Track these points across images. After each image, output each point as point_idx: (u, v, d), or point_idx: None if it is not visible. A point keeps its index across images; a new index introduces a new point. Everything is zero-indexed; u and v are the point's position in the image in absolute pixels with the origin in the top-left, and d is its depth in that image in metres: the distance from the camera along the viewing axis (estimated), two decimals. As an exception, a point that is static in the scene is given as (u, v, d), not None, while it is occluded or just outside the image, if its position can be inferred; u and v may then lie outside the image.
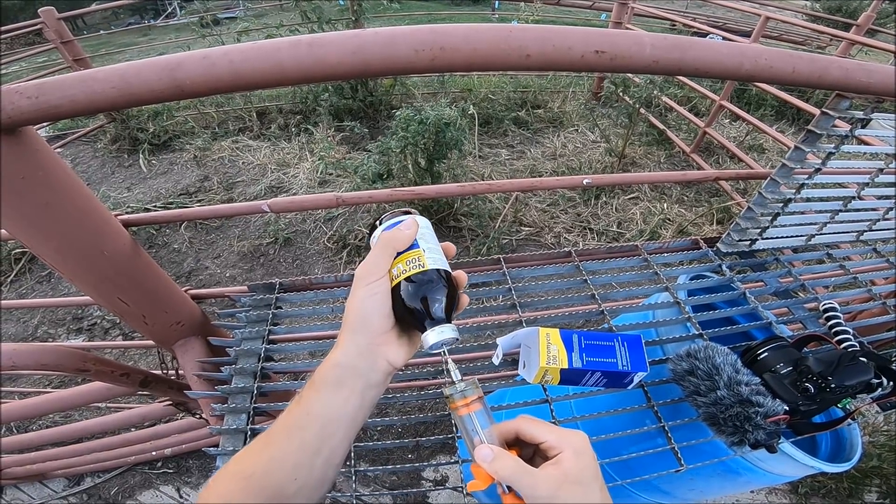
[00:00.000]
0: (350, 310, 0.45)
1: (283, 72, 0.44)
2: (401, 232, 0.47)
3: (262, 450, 0.42)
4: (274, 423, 0.44)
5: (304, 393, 0.44)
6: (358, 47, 0.44)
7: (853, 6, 11.53)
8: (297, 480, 0.41)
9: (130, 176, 3.78)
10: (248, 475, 0.41)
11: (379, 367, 0.45)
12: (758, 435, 0.64)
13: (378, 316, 0.44)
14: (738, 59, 0.61)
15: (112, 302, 0.86)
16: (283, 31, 3.87)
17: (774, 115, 4.67)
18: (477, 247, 2.82)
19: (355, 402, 0.44)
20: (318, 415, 0.42)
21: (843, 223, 1.04)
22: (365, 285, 0.44)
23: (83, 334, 2.58)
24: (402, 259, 0.47)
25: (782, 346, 0.74)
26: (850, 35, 3.38)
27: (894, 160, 0.89)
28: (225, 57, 0.44)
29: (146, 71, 0.46)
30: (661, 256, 1.07)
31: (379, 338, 0.45)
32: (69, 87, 0.48)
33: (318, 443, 0.42)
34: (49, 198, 0.64)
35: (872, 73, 0.68)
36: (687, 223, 2.99)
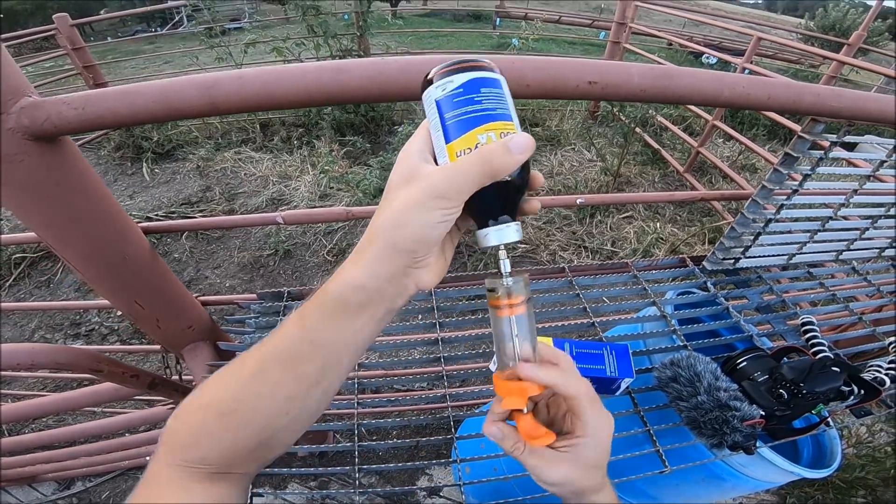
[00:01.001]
0: (398, 223, 0.35)
1: (309, 94, 0.49)
2: (511, 157, 0.35)
3: (247, 381, 0.37)
4: (263, 346, 0.38)
5: (308, 314, 0.37)
6: (378, 74, 0.49)
7: (847, 24, 11.80)
8: (288, 414, 0.37)
9: (133, 184, 3.83)
10: (230, 410, 0.36)
11: (408, 291, 0.38)
12: (735, 437, 0.68)
13: (437, 240, 0.37)
14: (718, 87, 0.67)
15: (129, 305, 0.90)
16: (289, 44, 3.96)
17: (767, 135, 4.78)
18: (474, 262, 2.87)
19: (372, 329, 0.38)
20: (325, 343, 0.37)
21: (823, 242, 1.10)
22: (439, 208, 0.35)
23: (81, 339, 2.60)
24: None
25: (760, 356, 0.80)
26: (839, 56, 3.50)
27: (868, 181, 0.95)
28: (258, 78, 0.49)
29: (186, 88, 0.52)
30: (650, 273, 1.12)
31: (423, 260, 0.37)
32: (113, 100, 0.54)
33: (319, 374, 0.37)
34: (81, 204, 0.69)
35: (842, 98, 0.74)
36: (679, 242, 3.05)
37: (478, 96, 0.37)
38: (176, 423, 0.38)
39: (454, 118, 0.37)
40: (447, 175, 0.35)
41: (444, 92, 0.37)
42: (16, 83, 0.55)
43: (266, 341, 0.38)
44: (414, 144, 0.39)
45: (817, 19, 13.16)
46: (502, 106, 0.38)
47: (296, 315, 0.38)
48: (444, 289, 1.09)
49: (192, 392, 0.39)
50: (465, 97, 0.37)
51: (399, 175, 0.37)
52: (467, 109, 0.36)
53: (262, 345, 0.38)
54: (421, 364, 1.00)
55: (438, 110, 0.38)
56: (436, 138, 0.38)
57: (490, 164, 0.35)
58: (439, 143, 0.38)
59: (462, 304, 1.07)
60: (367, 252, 0.36)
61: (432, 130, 0.38)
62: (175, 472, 0.36)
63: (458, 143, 0.36)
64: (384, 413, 1.46)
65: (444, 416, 0.87)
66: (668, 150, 4.09)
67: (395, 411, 1.75)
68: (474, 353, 0.99)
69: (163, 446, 0.38)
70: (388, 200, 0.37)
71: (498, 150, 0.35)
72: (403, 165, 0.38)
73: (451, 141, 0.37)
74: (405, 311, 1.06)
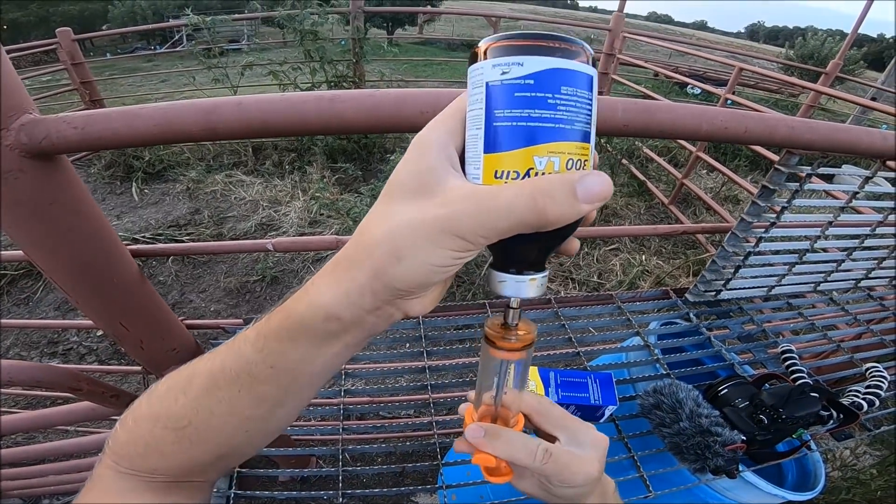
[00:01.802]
0: (395, 252, 0.26)
1: (306, 123, 0.51)
2: (575, 206, 0.25)
3: (199, 398, 0.32)
4: (211, 361, 0.33)
5: (266, 336, 0.31)
6: (373, 106, 0.51)
7: (824, 53, 12.26)
8: (248, 432, 0.33)
9: (121, 204, 3.81)
10: (182, 426, 0.32)
11: (393, 319, 0.31)
12: (717, 462, 0.69)
13: (441, 281, 0.30)
14: (698, 122, 0.70)
15: (113, 326, 0.89)
16: (286, 67, 4.03)
17: (749, 166, 4.90)
18: (463, 293, 2.89)
19: (345, 355, 0.32)
20: (286, 370, 0.31)
21: (801, 274, 1.13)
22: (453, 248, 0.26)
23: (58, 358, 2.55)
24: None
25: (741, 383, 0.82)
26: (815, 86, 3.64)
27: (842, 213, 0.98)
28: (257, 106, 0.51)
29: (186, 112, 0.53)
30: (634, 305, 1.15)
31: (417, 295, 0.30)
32: (114, 121, 0.55)
33: (282, 395, 0.32)
34: (73, 224, 0.69)
35: (815, 130, 0.76)
36: (665, 275, 3.10)
37: (553, 97, 0.25)
38: (123, 432, 0.34)
39: (508, 120, 0.25)
40: (476, 209, 0.25)
41: (504, 77, 0.25)
42: (18, 99, 0.55)
43: (213, 357, 0.33)
44: (438, 132, 0.29)
45: (797, 48, 13.69)
46: (584, 118, 0.26)
47: (252, 333, 0.32)
48: (432, 318, 1.09)
49: (137, 399, 0.35)
50: (533, 94, 0.25)
51: (409, 175, 0.28)
52: (532, 114, 0.25)
53: (209, 360, 0.33)
54: (408, 391, 1.00)
55: (488, 99, 0.26)
56: (472, 136, 0.28)
57: (542, 212, 0.24)
58: (475, 145, 0.27)
59: (450, 333, 1.08)
60: (348, 277, 0.28)
61: (470, 121, 0.28)
62: (125, 481, 0.33)
63: (502, 159, 0.26)
64: (370, 439, 1.44)
65: (430, 443, 0.87)
66: (654, 182, 4.18)
67: (380, 437, 1.73)
68: (462, 381, 0.99)
69: (110, 453, 0.34)
70: (388, 211, 0.28)
71: (560, 192, 0.24)
72: (418, 163, 0.28)
73: (493, 151, 0.26)
74: (392, 339, 1.06)
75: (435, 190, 0.27)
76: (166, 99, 6.31)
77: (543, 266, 0.31)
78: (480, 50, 0.27)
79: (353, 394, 0.96)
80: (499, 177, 0.26)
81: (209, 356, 0.34)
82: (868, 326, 1.17)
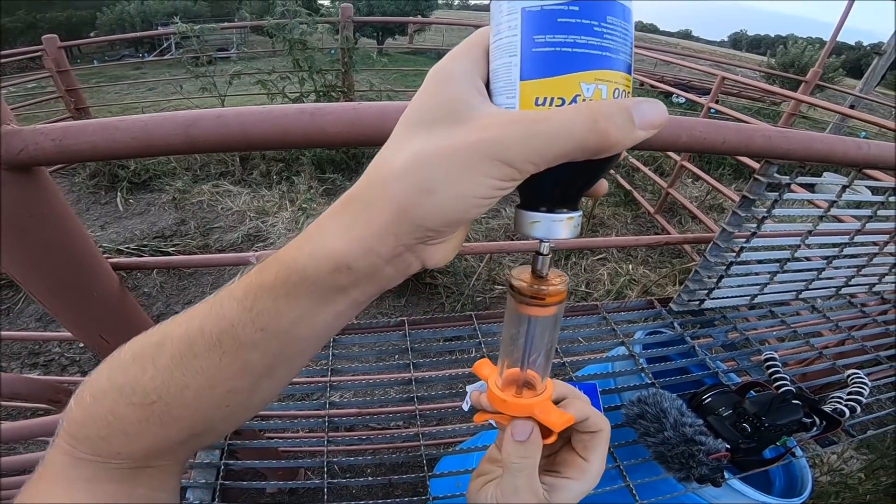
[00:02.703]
0: (423, 185, 0.23)
1: (286, 136, 0.51)
2: (633, 131, 0.22)
3: (171, 367, 0.27)
4: (186, 323, 0.27)
5: (256, 292, 0.26)
6: (356, 119, 0.51)
7: (805, 61, 12.54)
8: (228, 408, 0.28)
9: (106, 214, 3.76)
10: (150, 401, 0.27)
11: (411, 271, 0.27)
12: (702, 470, 0.70)
13: (475, 217, 0.25)
14: (677, 132, 0.71)
15: (94, 339, 0.88)
16: (274, 77, 4.02)
17: (733, 174, 4.98)
18: (452, 304, 2.88)
19: (348, 315, 0.28)
20: (280, 331, 0.26)
21: (783, 283, 1.15)
22: (496, 177, 0.23)
23: (39, 369, 2.51)
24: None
25: (724, 392, 0.82)
26: (794, 94, 3.71)
27: (821, 221, 1.00)
28: (237, 119, 0.51)
29: (164, 125, 0.53)
30: (619, 315, 1.15)
31: (443, 237, 0.26)
32: (92, 134, 0.54)
33: (271, 363, 0.28)
34: (51, 237, 0.68)
35: (791, 140, 0.78)
36: (651, 284, 3.12)
37: (600, 25, 0.23)
38: (79, 410, 0.28)
39: (551, 46, 0.23)
40: (526, 132, 0.22)
41: (545, 2, 0.23)
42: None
43: (190, 318, 0.27)
44: (460, 63, 0.25)
45: (778, 56, 13.99)
46: (627, 49, 0.25)
47: (238, 289, 0.27)
48: (419, 330, 1.09)
49: (96, 369, 0.29)
50: (579, 20, 0.23)
51: (433, 105, 0.24)
52: (577, 40, 0.23)
53: (185, 321, 0.27)
54: (394, 403, 1.00)
55: (524, 25, 0.24)
56: (503, 64, 0.25)
57: (603, 135, 0.22)
58: (508, 73, 0.25)
59: (437, 344, 1.08)
60: (364, 217, 0.24)
61: (500, 49, 0.25)
62: (81, 468, 0.28)
63: (544, 85, 0.24)
64: (356, 451, 1.43)
65: (417, 455, 0.87)
66: (640, 192, 4.23)
67: (367, 449, 1.71)
68: (450, 392, 0.99)
69: (65, 434, 0.29)
70: (409, 141, 0.24)
71: (618, 114, 0.22)
72: (442, 93, 0.24)
73: (534, 77, 0.24)
74: (379, 352, 1.06)
75: (467, 117, 0.23)
76: (153, 107, 6.29)
77: (577, 205, 0.28)
78: None
79: (339, 406, 0.96)
80: (540, 104, 0.24)
81: (184, 316, 0.28)
82: (850, 333, 1.19)
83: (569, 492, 0.35)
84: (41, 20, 21.95)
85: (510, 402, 0.35)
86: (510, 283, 0.31)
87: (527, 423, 0.35)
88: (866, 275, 1.22)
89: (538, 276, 0.31)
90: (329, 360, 0.99)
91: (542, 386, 0.36)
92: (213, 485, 0.80)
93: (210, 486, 0.80)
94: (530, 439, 0.34)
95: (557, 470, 0.37)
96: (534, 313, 0.31)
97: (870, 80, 6.59)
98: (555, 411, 0.35)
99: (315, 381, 0.97)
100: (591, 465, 0.36)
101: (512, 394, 0.36)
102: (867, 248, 1.12)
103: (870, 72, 6.60)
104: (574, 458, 0.36)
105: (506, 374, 0.36)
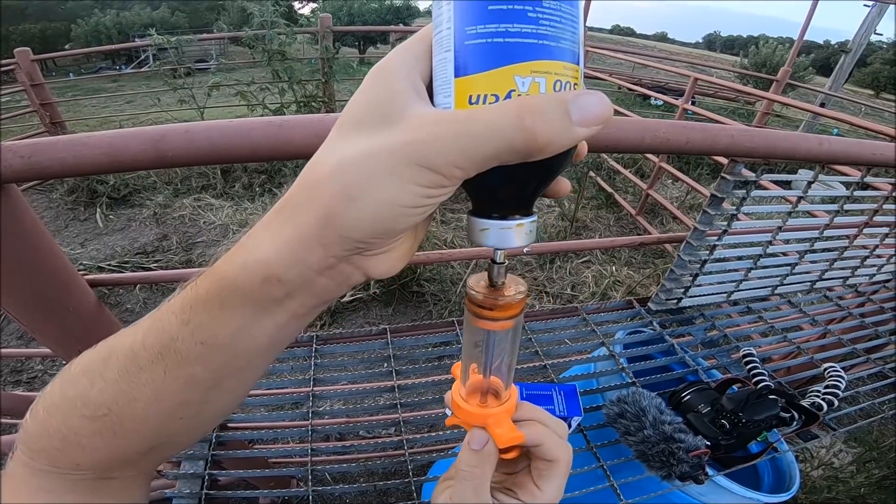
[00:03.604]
0: (348, 190, 0.21)
1: (255, 149, 0.51)
2: (570, 129, 0.21)
3: (118, 381, 0.26)
4: (132, 334, 0.27)
5: (192, 305, 0.25)
6: (323, 130, 0.52)
7: (776, 60, 12.82)
8: (182, 419, 0.28)
9: (85, 230, 3.69)
10: (100, 414, 0.26)
11: (351, 282, 0.25)
12: (682, 468, 0.71)
13: (407, 229, 0.24)
14: (641, 135, 0.72)
15: (72, 355, 0.85)
16: (253, 88, 3.99)
17: (710, 174, 5.05)
18: (439, 311, 2.88)
19: (293, 328, 0.27)
20: (220, 346, 0.25)
21: (758, 279, 1.17)
22: (423, 184, 0.21)
23: (22, 386, 2.46)
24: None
25: (703, 389, 0.83)
26: (766, 94, 3.79)
27: (790, 217, 1.02)
28: (205, 133, 0.51)
29: (133, 140, 0.53)
30: (598, 316, 1.17)
31: (378, 248, 0.24)
32: (61, 150, 0.54)
33: (216, 375, 0.27)
34: (23, 254, 0.67)
35: (754, 138, 0.79)
36: (635, 284, 3.15)
37: (534, 10, 0.21)
38: (34, 424, 0.28)
39: (482, 37, 0.21)
40: (450, 133, 0.21)
41: None
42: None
43: (134, 332, 0.27)
44: (399, 60, 0.24)
45: (750, 57, 14.29)
46: (570, 35, 0.22)
47: (177, 303, 0.26)
48: (401, 337, 1.09)
49: (50, 383, 0.29)
50: (510, 6, 0.21)
51: (366, 105, 0.23)
52: (510, 28, 0.21)
53: (130, 335, 0.27)
54: (378, 411, 1.00)
55: (456, 16, 0.22)
56: (440, 61, 0.23)
57: (530, 133, 0.20)
58: (444, 70, 0.23)
59: (419, 351, 1.08)
60: (291, 225, 0.23)
61: (437, 45, 0.24)
62: (41, 479, 0.28)
63: (476, 81, 0.22)
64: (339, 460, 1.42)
65: (401, 461, 0.87)
66: (621, 194, 4.28)
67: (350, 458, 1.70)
68: (433, 398, 0.99)
69: (23, 447, 0.29)
70: (338, 144, 0.23)
71: (551, 110, 0.20)
72: (377, 92, 0.23)
73: (466, 74, 0.22)
74: (360, 361, 1.05)
75: (398, 119, 0.22)
76: (131, 120, 6.22)
77: (531, 210, 0.26)
78: None
79: (322, 415, 0.95)
80: (473, 102, 0.22)
81: (130, 330, 0.27)
82: (826, 327, 1.21)
83: None
84: (14, 32, 21.63)
85: (465, 410, 0.35)
86: (467, 297, 0.30)
87: (484, 433, 0.34)
88: (839, 268, 1.25)
89: (493, 285, 0.30)
90: (311, 370, 0.99)
91: (507, 394, 0.35)
92: (199, 494, 0.79)
93: (195, 496, 0.79)
94: (484, 450, 0.34)
95: (512, 490, 0.36)
96: (490, 327, 0.30)
97: (838, 78, 6.75)
98: (506, 426, 0.34)
99: (298, 392, 0.96)
100: (544, 495, 0.34)
101: (476, 401, 0.35)
102: (838, 241, 1.15)
103: (838, 69, 6.77)
104: (529, 484, 0.36)
105: (471, 380, 0.36)
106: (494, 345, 0.32)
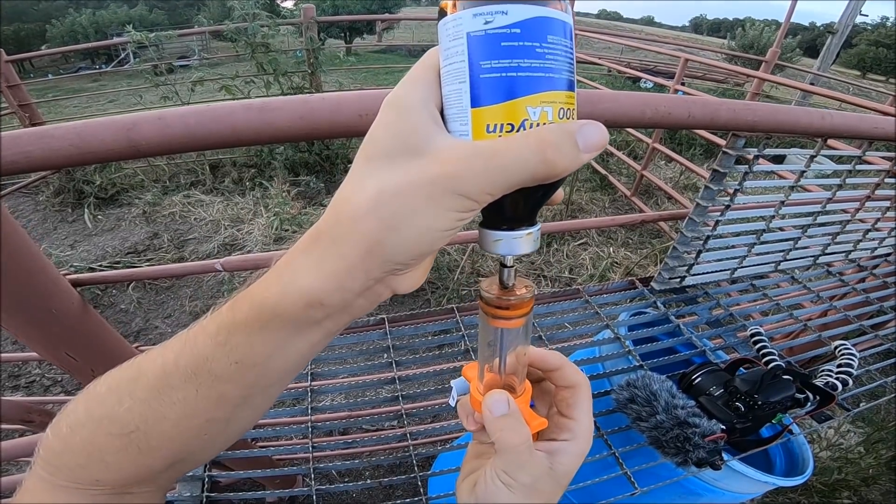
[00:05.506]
0: (388, 222, 0.24)
1: (235, 134, 0.48)
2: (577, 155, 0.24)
3: (149, 400, 0.27)
4: (160, 357, 0.28)
5: (229, 328, 0.27)
6: (307, 112, 0.48)
7: (763, 42, 12.88)
8: (206, 436, 0.29)
9: (74, 232, 3.63)
10: (128, 431, 0.27)
11: (381, 299, 0.29)
12: (699, 454, 0.68)
13: (440, 247, 0.27)
14: (641, 109, 0.69)
15: (59, 357, 0.84)
16: (238, 81, 3.92)
17: (704, 154, 5.04)
18: (438, 299, 2.86)
19: (322, 344, 0.29)
20: (254, 364, 0.27)
21: (761, 255, 1.14)
22: (457, 209, 0.24)
23: (21, 391, 2.43)
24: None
25: (714, 370, 0.81)
26: (757, 73, 3.77)
27: (793, 192, 1.00)
28: (180, 119, 0.47)
29: (103, 130, 0.49)
30: (601, 297, 1.14)
31: (411, 269, 0.27)
32: (26, 144, 0.50)
33: (247, 394, 0.28)
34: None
35: (756, 112, 0.77)
36: (633, 265, 3.14)
37: (542, 46, 0.24)
38: (57, 441, 0.29)
39: (497, 71, 0.24)
40: (483, 166, 0.23)
41: (488, 26, 0.23)
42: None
43: (164, 352, 0.28)
44: (415, 88, 0.26)
45: (738, 39, 14.33)
46: (568, 67, 0.25)
47: (211, 325, 0.27)
48: (399, 327, 1.06)
49: (71, 401, 0.30)
50: (521, 43, 0.23)
51: (391, 138, 0.25)
52: (521, 63, 0.24)
53: (159, 356, 0.28)
54: (379, 403, 0.97)
55: (470, 50, 0.24)
56: (454, 91, 0.25)
57: (551, 164, 0.23)
58: (460, 100, 0.25)
59: (419, 340, 1.05)
60: (335, 255, 0.24)
61: (450, 75, 0.26)
62: (61, 494, 0.29)
63: (493, 112, 0.24)
64: (341, 455, 1.40)
65: (405, 455, 0.84)
66: (616, 175, 4.26)
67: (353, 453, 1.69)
68: (435, 389, 0.96)
69: (42, 463, 0.29)
70: (370, 176, 0.25)
71: (563, 141, 0.23)
72: (399, 124, 0.25)
73: (483, 104, 0.24)
74: (359, 353, 1.03)
75: (424, 150, 0.24)
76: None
77: (535, 219, 0.30)
78: (450, 2, 0.25)
79: (322, 410, 0.93)
80: (491, 131, 0.25)
81: (158, 351, 0.29)
82: (831, 303, 1.20)
83: (568, 454, 0.34)
84: (-9, 34, 21.23)
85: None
86: (480, 298, 0.33)
87: (501, 394, 0.34)
88: (841, 242, 1.23)
89: (504, 287, 0.32)
90: (309, 364, 0.96)
91: (522, 388, 0.37)
92: (199, 497, 0.77)
93: (196, 498, 0.76)
94: (511, 409, 0.33)
95: (548, 439, 0.36)
96: (504, 325, 0.33)
97: (825, 59, 6.74)
98: (528, 413, 0.35)
99: (296, 387, 0.93)
100: (580, 423, 0.35)
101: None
102: (839, 215, 1.13)
103: (825, 50, 6.76)
104: (561, 421, 0.36)
105: (487, 379, 0.37)
106: (508, 342, 0.34)
